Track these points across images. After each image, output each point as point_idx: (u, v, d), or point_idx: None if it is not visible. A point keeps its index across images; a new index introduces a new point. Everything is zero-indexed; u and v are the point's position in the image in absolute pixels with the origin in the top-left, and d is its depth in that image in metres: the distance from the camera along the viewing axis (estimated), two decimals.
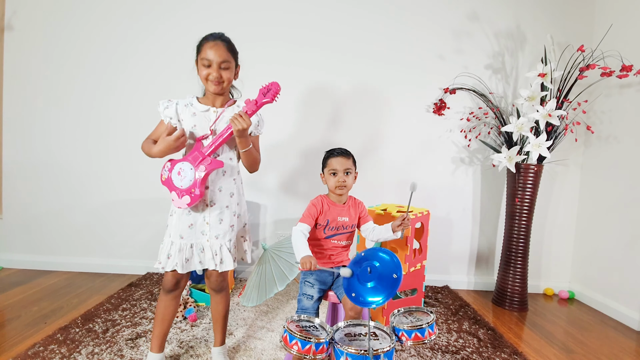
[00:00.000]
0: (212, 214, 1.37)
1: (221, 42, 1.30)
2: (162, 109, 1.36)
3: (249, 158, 1.38)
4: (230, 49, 1.34)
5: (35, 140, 2.53)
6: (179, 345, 1.65)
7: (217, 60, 1.29)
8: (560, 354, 1.76)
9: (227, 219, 1.39)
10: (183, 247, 1.35)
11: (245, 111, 1.29)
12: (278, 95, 1.30)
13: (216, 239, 1.38)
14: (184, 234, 1.35)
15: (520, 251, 2.25)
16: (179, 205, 1.31)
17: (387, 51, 2.51)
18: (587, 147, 2.51)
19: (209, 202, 1.36)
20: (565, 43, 2.38)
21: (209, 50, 1.29)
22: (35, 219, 2.57)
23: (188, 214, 1.35)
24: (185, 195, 1.30)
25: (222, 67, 1.31)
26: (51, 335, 1.65)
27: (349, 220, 1.47)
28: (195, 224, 1.36)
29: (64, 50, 2.49)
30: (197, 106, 1.37)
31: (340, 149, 1.47)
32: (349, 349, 0.99)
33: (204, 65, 1.30)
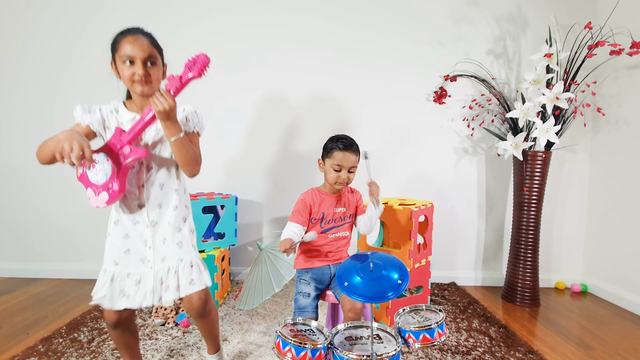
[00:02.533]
0: (155, 236, 1.17)
1: (142, 35, 1.10)
2: (81, 112, 1.14)
3: (181, 151, 1.11)
4: (154, 44, 1.13)
5: (17, 145, 2.43)
6: (169, 353, 1.53)
7: (141, 55, 1.08)
8: (578, 350, 1.65)
9: (170, 237, 1.18)
10: (117, 277, 1.14)
11: (168, 89, 1.06)
12: (207, 68, 1.07)
13: (162, 262, 1.17)
14: (119, 259, 1.15)
15: (530, 243, 2.13)
16: (97, 205, 1.11)
17: (384, 39, 2.40)
18: (596, 133, 2.40)
19: (149, 222, 1.17)
20: (569, 24, 2.27)
21: (129, 46, 1.07)
22: (22, 225, 2.46)
23: (125, 237, 1.16)
24: (103, 191, 1.10)
25: (149, 64, 1.10)
26: (32, 346, 1.55)
27: (346, 210, 1.37)
28: (132, 250, 1.16)
29: (42, 52, 2.38)
30: (122, 114, 1.17)
31: (348, 140, 1.32)
32: (349, 354, 0.88)
33: (124, 64, 1.09)
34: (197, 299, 1.17)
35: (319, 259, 1.33)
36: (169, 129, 1.09)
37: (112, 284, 1.14)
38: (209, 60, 1.07)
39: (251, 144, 2.45)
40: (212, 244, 2.08)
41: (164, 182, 1.19)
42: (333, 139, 1.34)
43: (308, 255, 1.33)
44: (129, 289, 1.14)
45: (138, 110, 1.17)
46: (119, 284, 1.14)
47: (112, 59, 1.14)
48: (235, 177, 2.46)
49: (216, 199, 2.10)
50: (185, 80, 1.08)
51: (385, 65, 2.42)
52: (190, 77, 1.07)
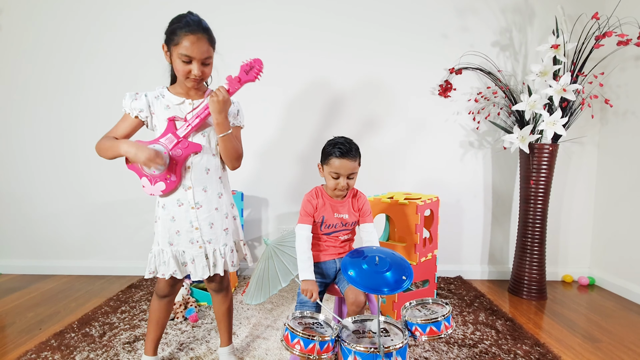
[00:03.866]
0: (200, 218, 1.23)
1: (202, 34, 1.12)
2: (129, 101, 1.19)
3: (228, 146, 1.20)
4: (211, 40, 1.17)
5: (26, 143, 2.46)
6: (179, 347, 1.56)
7: (200, 57, 1.13)
8: (585, 343, 1.65)
9: (218, 222, 1.26)
10: (175, 254, 1.25)
11: (227, 89, 1.16)
12: (261, 73, 1.18)
13: (209, 244, 1.26)
14: (173, 240, 1.25)
15: (536, 237, 2.12)
16: (152, 192, 1.19)
17: (387, 31, 2.39)
18: (604, 125, 2.37)
19: (194, 204, 1.22)
20: (576, 14, 2.24)
21: (191, 46, 1.10)
22: (32, 222, 2.50)
23: (172, 220, 1.23)
24: (160, 181, 1.17)
25: (204, 64, 1.16)
26: (45, 341, 1.58)
27: (348, 217, 1.31)
28: (181, 231, 1.23)
29: (52, 48, 2.40)
30: (169, 98, 1.21)
31: (345, 145, 1.24)
32: (357, 346, 0.89)
33: (183, 61, 1.13)
34: (219, 277, 1.32)
35: (325, 253, 1.33)
36: (220, 125, 1.17)
37: (176, 261, 1.24)
38: (263, 65, 1.18)
39: (256, 141, 2.45)
40: None
41: (209, 167, 1.24)
42: (331, 143, 1.27)
43: (314, 250, 1.33)
44: (189, 267, 1.26)
45: (185, 95, 1.22)
46: (180, 259, 1.25)
47: (167, 44, 1.16)
48: (241, 174, 2.47)
49: None
50: (243, 82, 1.18)
51: (389, 61, 2.40)
52: (246, 80, 1.18)
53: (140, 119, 1.21)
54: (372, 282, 0.98)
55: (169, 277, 1.25)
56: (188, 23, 1.12)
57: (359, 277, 0.98)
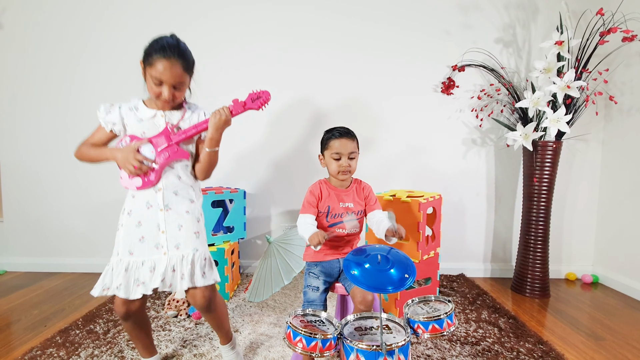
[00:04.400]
0: (167, 220, 1.19)
1: (177, 60, 1.12)
2: (104, 114, 1.21)
3: (212, 160, 1.25)
4: (187, 67, 1.17)
5: (31, 141, 2.47)
6: (182, 344, 1.57)
7: (171, 82, 1.14)
8: (588, 341, 1.64)
9: (189, 225, 1.21)
10: (131, 266, 1.17)
11: (230, 110, 1.21)
12: (266, 104, 1.24)
13: (176, 250, 1.19)
14: (134, 249, 1.18)
15: (540, 234, 2.12)
16: (126, 185, 1.19)
17: (390, 28, 2.38)
18: (608, 122, 2.35)
19: (163, 206, 1.19)
20: (580, 10, 2.22)
21: (164, 71, 1.11)
22: (37, 220, 2.52)
23: (138, 225, 1.18)
24: (137, 177, 1.18)
25: (176, 88, 1.16)
26: (50, 338, 1.59)
27: (353, 206, 1.33)
28: (146, 237, 1.18)
29: (56, 47, 2.41)
30: (143, 111, 1.21)
31: (343, 128, 1.32)
32: (359, 344, 0.89)
33: (154, 82, 1.14)
34: (201, 296, 1.19)
35: (328, 252, 1.33)
36: (213, 141, 1.21)
37: (126, 274, 1.16)
38: (270, 98, 1.25)
39: (259, 139, 2.46)
40: (221, 238, 2.11)
41: (181, 174, 1.24)
42: (327, 131, 1.34)
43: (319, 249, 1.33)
44: (143, 277, 1.17)
45: (158, 109, 1.22)
46: (133, 272, 1.17)
47: (143, 62, 1.18)
48: (244, 172, 2.48)
49: (225, 193, 2.12)
50: (246, 108, 1.23)
51: (391, 58, 2.39)
52: (250, 107, 1.24)
53: (114, 132, 1.23)
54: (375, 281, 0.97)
55: (111, 294, 1.15)
56: (163, 47, 1.12)
57: (362, 276, 0.97)
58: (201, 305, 1.22)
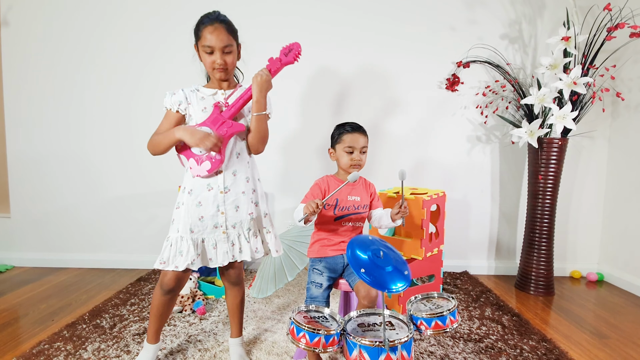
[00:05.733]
0: (227, 202, 1.25)
1: (220, 24, 1.21)
2: (169, 98, 1.27)
3: (261, 127, 1.26)
4: (231, 30, 1.24)
5: (38, 137, 2.49)
6: (187, 339, 1.59)
7: (219, 45, 1.21)
8: (592, 339, 1.64)
9: (244, 206, 1.28)
10: (195, 242, 1.25)
11: (269, 69, 1.24)
12: (299, 56, 1.25)
13: (233, 229, 1.27)
14: (194, 227, 1.24)
15: (544, 232, 2.11)
16: (198, 174, 1.23)
17: (394, 23, 2.36)
18: (615, 118, 2.33)
19: (223, 188, 1.25)
20: (587, 6, 2.19)
21: (209, 36, 1.20)
22: (44, 216, 2.55)
23: (198, 205, 1.24)
24: (205, 161, 1.22)
25: (225, 52, 1.23)
26: (57, 332, 1.62)
27: (360, 199, 1.36)
28: (206, 217, 1.25)
29: (62, 43, 2.43)
30: (204, 91, 1.29)
31: (355, 123, 1.37)
32: (362, 340, 0.90)
33: (206, 53, 1.22)
34: (238, 266, 1.35)
35: (332, 248, 1.34)
36: (259, 103, 1.23)
37: (191, 250, 1.23)
38: (302, 49, 1.26)
39: None
40: None
41: (239, 151, 1.29)
42: (339, 125, 1.38)
43: (322, 244, 1.35)
44: (209, 253, 1.27)
45: (218, 87, 1.30)
46: (197, 248, 1.25)
47: (196, 45, 1.26)
48: None
49: None
50: (283, 63, 1.25)
51: (396, 54, 2.38)
52: (287, 62, 1.25)
53: (180, 112, 1.27)
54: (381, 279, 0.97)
55: (184, 268, 1.22)
56: (205, 18, 1.23)
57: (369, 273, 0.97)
58: (234, 278, 1.38)
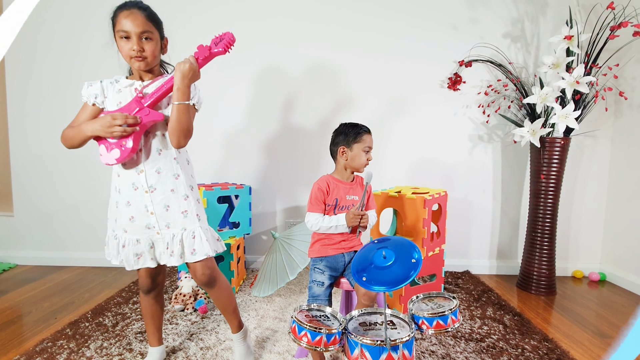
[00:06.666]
0: (154, 201, 1.17)
1: (138, 9, 1.12)
2: (86, 89, 1.18)
3: (182, 118, 1.12)
4: (151, 18, 1.14)
5: (41, 136, 2.50)
6: (189, 337, 1.59)
7: (135, 30, 1.10)
8: (594, 338, 1.63)
9: (174, 205, 1.19)
10: (128, 243, 1.20)
11: (196, 57, 1.12)
12: (232, 46, 1.14)
13: (167, 229, 1.19)
14: (127, 227, 1.19)
15: (546, 232, 2.10)
16: (107, 162, 1.13)
17: (395, 23, 2.36)
18: (618, 118, 2.32)
19: (148, 187, 1.17)
20: (590, 4, 2.18)
21: (124, 20, 1.10)
22: (47, 215, 2.56)
23: (127, 205, 1.18)
24: (115, 148, 1.11)
25: (143, 39, 1.12)
26: (60, 330, 1.63)
27: (358, 198, 1.38)
28: (136, 217, 1.18)
29: (64, 43, 2.44)
30: (122, 82, 1.20)
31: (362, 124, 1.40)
32: (364, 339, 0.90)
33: (122, 39, 1.12)
34: (200, 268, 1.22)
35: (333, 247, 1.34)
36: (180, 91, 1.11)
37: (124, 250, 1.20)
38: (235, 39, 1.14)
39: (264, 136, 2.46)
40: (227, 233, 2.13)
41: (161, 147, 1.19)
42: (351, 125, 1.38)
43: (322, 244, 1.35)
44: (149, 253, 1.21)
45: (137, 79, 1.20)
46: (131, 249, 1.20)
47: (112, 34, 1.16)
48: (249, 168, 2.49)
49: (230, 189, 2.14)
50: (213, 52, 1.13)
51: (398, 54, 2.38)
52: (217, 52, 1.14)
53: (97, 105, 1.19)
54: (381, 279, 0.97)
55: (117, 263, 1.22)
56: (124, 4, 1.14)
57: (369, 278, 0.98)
58: (200, 281, 1.25)
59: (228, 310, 1.35)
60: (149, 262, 1.21)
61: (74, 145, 1.17)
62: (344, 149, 1.36)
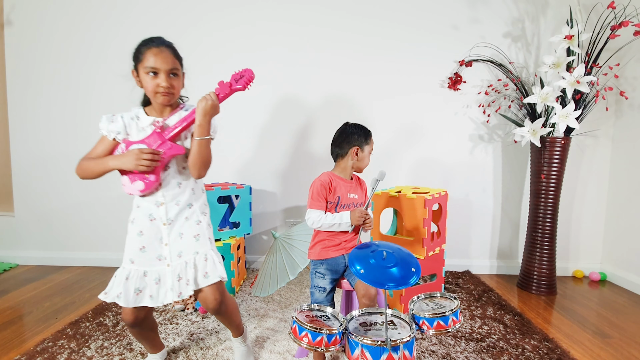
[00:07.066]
0: (171, 233, 1.19)
1: (166, 47, 1.15)
2: (106, 124, 1.18)
3: (203, 152, 1.16)
4: (177, 55, 1.18)
5: (42, 136, 2.50)
6: (189, 337, 1.59)
7: (165, 68, 1.13)
8: (595, 338, 1.63)
9: (188, 231, 1.21)
10: (132, 275, 1.16)
11: (217, 93, 1.17)
12: (251, 83, 1.19)
13: (179, 258, 1.18)
14: (135, 258, 1.17)
15: (547, 231, 2.10)
16: (130, 192, 1.16)
17: (395, 25, 2.36)
18: (619, 117, 2.32)
19: (166, 220, 1.19)
20: (591, 4, 2.18)
21: (154, 58, 1.12)
22: (48, 215, 2.56)
23: (139, 235, 1.18)
24: (138, 180, 1.15)
25: (171, 75, 1.16)
26: (61, 330, 1.63)
27: (357, 197, 1.39)
28: (148, 247, 1.17)
29: (65, 43, 2.43)
30: (143, 119, 1.20)
31: None
32: (364, 339, 0.90)
33: (148, 75, 1.14)
34: (212, 299, 1.18)
35: (334, 249, 1.34)
36: (202, 127, 1.14)
37: (126, 283, 1.16)
38: (254, 76, 1.19)
39: (265, 135, 2.46)
40: (227, 233, 2.13)
41: (181, 180, 1.22)
42: (360, 126, 1.40)
43: (323, 246, 1.34)
44: (150, 289, 1.17)
45: (158, 115, 1.22)
46: (133, 282, 1.16)
47: (135, 68, 1.18)
48: (249, 168, 2.49)
49: (231, 188, 2.14)
50: (233, 89, 1.18)
51: (398, 53, 2.38)
52: (237, 88, 1.18)
53: (117, 140, 1.20)
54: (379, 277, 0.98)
55: (111, 301, 1.16)
56: (150, 40, 1.16)
57: (367, 271, 0.98)
58: (213, 308, 1.21)
59: (232, 325, 1.35)
60: (147, 300, 1.16)
61: (90, 177, 1.20)
62: (358, 149, 1.37)
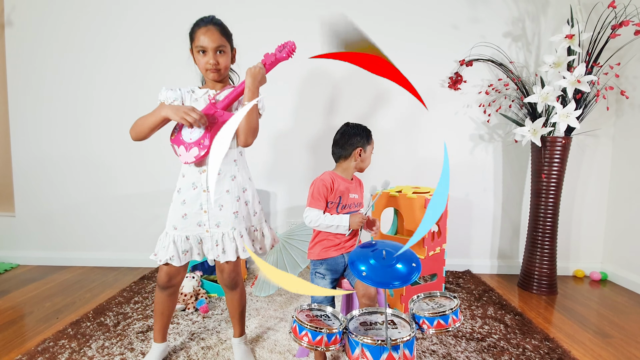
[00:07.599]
0: (210, 200, 1.27)
1: (213, 26, 1.24)
2: (165, 91, 1.29)
3: (250, 117, 1.24)
4: (224, 32, 1.27)
5: (42, 137, 2.51)
6: (190, 337, 1.59)
7: (211, 46, 1.23)
8: (596, 338, 1.63)
9: (228, 205, 1.28)
10: (177, 239, 1.27)
11: (263, 62, 1.26)
12: (294, 52, 1.27)
13: (217, 227, 1.27)
14: (177, 224, 1.27)
15: (547, 231, 2.10)
16: (186, 160, 1.23)
17: (395, 24, 2.36)
18: (619, 117, 2.31)
19: (207, 187, 1.26)
20: (591, 3, 2.17)
21: (202, 37, 1.23)
22: (48, 215, 2.56)
23: (182, 203, 1.27)
24: (194, 147, 1.22)
25: (218, 52, 1.26)
26: (62, 330, 1.63)
27: (357, 197, 1.39)
28: (189, 214, 1.27)
29: (66, 43, 2.44)
30: (198, 92, 1.31)
31: None
32: (364, 339, 0.90)
33: (199, 53, 1.25)
34: (230, 270, 1.32)
35: (335, 249, 1.34)
36: (251, 92, 1.22)
37: (175, 246, 1.26)
38: (296, 47, 1.28)
39: (265, 135, 2.46)
40: None
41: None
42: (362, 127, 1.40)
43: (323, 246, 1.34)
44: (196, 248, 1.29)
45: (211, 88, 1.32)
46: (180, 245, 1.27)
47: (190, 47, 1.29)
48: (250, 168, 2.48)
49: None
50: (278, 58, 1.27)
51: (397, 53, 2.37)
52: (282, 57, 1.27)
53: None
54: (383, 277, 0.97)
55: (164, 262, 1.27)
56: (201, 19, 1.26)
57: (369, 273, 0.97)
58: (227, 279, 1.33)
59: (239, 314, 1.42)
60: (196, 257, 1.29)
61: (143, 131, 1.25)
62: (361, 150, 1.37)
